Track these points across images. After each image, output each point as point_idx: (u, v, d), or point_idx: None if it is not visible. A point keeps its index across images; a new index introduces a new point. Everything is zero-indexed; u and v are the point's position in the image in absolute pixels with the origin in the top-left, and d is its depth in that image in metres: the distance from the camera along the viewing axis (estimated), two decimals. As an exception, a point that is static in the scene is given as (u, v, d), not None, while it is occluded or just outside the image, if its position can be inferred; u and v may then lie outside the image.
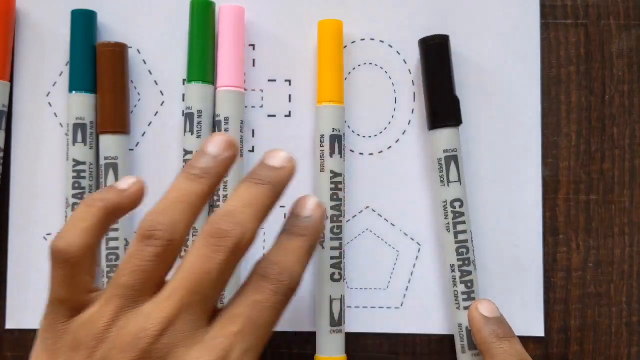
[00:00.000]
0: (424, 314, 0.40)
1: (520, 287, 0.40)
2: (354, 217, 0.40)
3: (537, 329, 0.39)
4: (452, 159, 0.38)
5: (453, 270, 0.38)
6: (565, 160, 0.40)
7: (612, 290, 0.40)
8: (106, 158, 0.39)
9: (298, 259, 0.31)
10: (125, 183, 0.32)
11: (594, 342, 0.40)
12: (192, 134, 0.39)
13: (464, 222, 0.38)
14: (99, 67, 0.39)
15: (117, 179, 0.39)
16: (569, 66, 0.40)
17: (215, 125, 0.39)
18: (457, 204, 0.38)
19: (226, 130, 0.38)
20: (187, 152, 0.39)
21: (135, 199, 0.32)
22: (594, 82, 0.40)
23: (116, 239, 0.39)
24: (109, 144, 0.39)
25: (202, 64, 0.39)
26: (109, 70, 0.39)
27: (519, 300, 0.39)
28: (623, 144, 0.40)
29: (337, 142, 0.38)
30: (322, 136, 0.38)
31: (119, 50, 0.39)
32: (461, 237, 0.38)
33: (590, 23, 0.41)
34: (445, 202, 0.38)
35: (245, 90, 0.40)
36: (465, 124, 0.39)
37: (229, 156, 0.32)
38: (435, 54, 0.39)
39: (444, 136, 0.38)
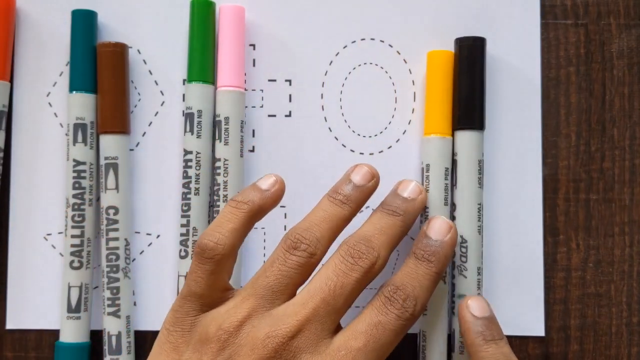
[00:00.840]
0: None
1: (521, 286, 0.40)
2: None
3: (538, 329, 0.39)
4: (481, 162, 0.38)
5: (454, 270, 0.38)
6: (564, 160, 0.40)
7: (612, 290, 0.40)
8: (106, 158, 0.39)
9: (423, 287, 0.32)
10: (267, 183, 0.34)
11: (594, 342, 0.40)
12: (192, 133, 0.39)
13: (480, 225, 0.38)
14: (99, 67, 0.39)
15: (117, 179, 0.39)
16: (568, 66, 0.40)
17: (215, 125, 0.39)
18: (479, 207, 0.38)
19: (226, 130, 0.38)
20: (187, 152, 0.39)
21: (276, 199, 0.34)
22: (593, 83, 0.40)
23: (116, 239, 0.39)
24: (109, 143, 0.39)
25: (202, 64, 0.39)
26: (109, 71, 0.39)
27: (519, 299, 0.40)
28: (623, 144, 0.40)
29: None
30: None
31: (119, 51, 0.39)
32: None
33: (590, 22, 0.41)
34: (480, 205, 0.38)
35: (246, 90, 0.40)
36: (465, 124, 0.40)
37: (371, 186, 0.35)
38: (470, 56, 0.38)
39: (472, 139, 0.38)
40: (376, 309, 0.31)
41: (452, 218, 0.39)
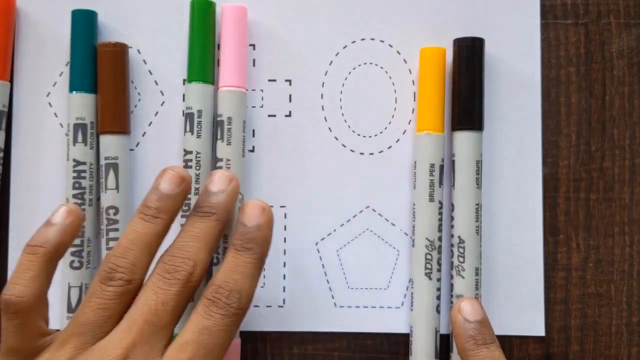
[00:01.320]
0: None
1: (521, 286, 0.40)
2: (354, 216, 0.40)
3: (538, 329, 0.39)
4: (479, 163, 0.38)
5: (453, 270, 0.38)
6: (564, 159, 0.40)
7: (612, 290, 0.40)
8: (106, 158, 0.39)
9: (246, 276, 0.32)
10: (59, 217, 0.32)
11: (594, 342, 0.40)
12: (192, 133, 0.39)
13: (478, 226, 0.38)
14: (100, 67, 0.39)
15: (117, 179, 0.39)
16: (568, 66, 0.40)
17: (217, 125, 0.39)
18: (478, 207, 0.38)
19: (229, 130, 0.38)
20: (187, 152, 0.39)
21: (73, 231, 0.33)
22: (593, 82, 0.40)
23: (116, 239, 0.39)
24: (109, 143, 0.39)
25: (202, 64, 0.39)
26: (109, 70, 0.39)
27: (520, 299, 0.40)
28: (623, 144, 0.40)
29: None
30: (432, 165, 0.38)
31: (120, 50, 0.39)
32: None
33: (590, 22, 0.41)
34: (478, 205, 0.38)
35: (246, 90, 0.40)
36: (465, 123, 0.40)
37: (181, 191, 0.33)
38: (468, 56, 0.39)
39: (471, 139, 0.38)
40: (200, 314, 0.31)
41: (450, 218, 0.39)
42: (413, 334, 0.38)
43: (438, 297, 0.38)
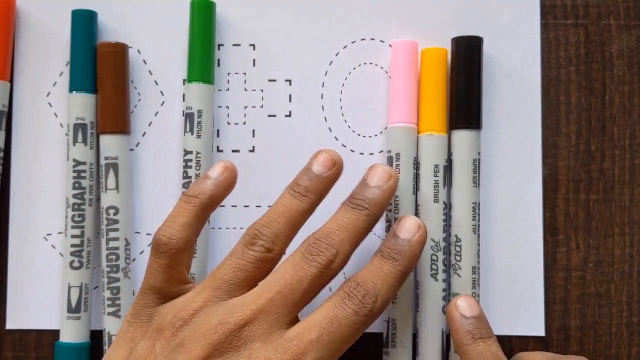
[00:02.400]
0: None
1: (521, 286, 0.40)
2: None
3: (538, 329, 0.39)
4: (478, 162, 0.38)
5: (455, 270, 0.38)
6: (564, 159, 0.40)
7: (612, 290, 0.40)
8: (106, 158, 0.39)
9: (386, 284, 0.32)
10: (216, 172, 0.35)
11: (594, 342, 0.40)
12: (192, 133, 0.39)
13: (475, 225, 0.38)
14: (99, 67, 0.39)
15: (117, 179, 0.39)
16: (568, 66, 0.40)
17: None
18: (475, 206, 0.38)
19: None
20: (187, 152, 0.39)
21: (227, 186, 0.35)
22: (593, 81, 0.40)
23: (116, 239, 0.39)
24: (110, 143, 0.39)
25: (202, 64, 0.39)
26: (110, 70, 0.39)
27: (520, 299, 0.40)
28: (623, 143, 0.40)
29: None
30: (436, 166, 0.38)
31: (120, 51, 0.39)
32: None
33: (590, 23, 0.41)
34: (475, 203, 0.38)
35: (246, 90, 0.40)
36: (465, 123, 0.40)
37: (331, 174, 0.35)
38: (467, 55, 0.39)
39: (468, 138, 0.38)
40: (334, 303, 0.31)
41: (448, 217, 0.39)
42: (419, 335, 0.38)
43: (444, 298, 0.38)
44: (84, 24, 0.39)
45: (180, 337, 0.31)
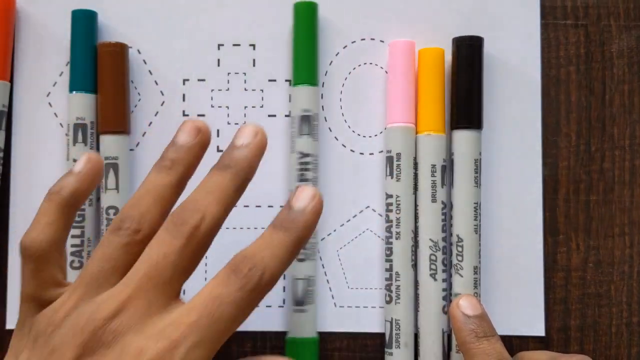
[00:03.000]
0: (424, 314, 0.40)
1: (521, 286, 0.40)
2: (354, 216, 0.40)
3: (538, 329, 0.39)
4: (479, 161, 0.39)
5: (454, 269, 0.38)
6: (564, 160, 0.40)
7: (612, 290, 0.40)
8: (106, 158, 0.39)
9: (276, 255, 0.29)
10: (79, 165, 0.32)
11: (594, 342, 0.40)
12: (309, 135, 0.39)
13: (477, 225, 0.38)
14: (100, 67, 0.39)
15: (117, 179, 0.39)
16: (568, 66, 0.40)
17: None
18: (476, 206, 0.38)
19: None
20: (303, 155, 0.39)
21: (92, 179, 0.32)
22: (593, 82, 0.40)
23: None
24: (109, 143, 0.39)
25: (308, 66, 0.39)
26: (109, 70, 0.39)
27: (520, 299, 0.40)
28: (623, 143, 0.40)
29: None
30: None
31: (119, 50, 0.39)
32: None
33: (590, 23, 0.41)
34: (477, 204, 0.38)
35: (246, 90, 0.40)
36: (465, 123, 0.40)
37: (197, 143, 0.32)
38: (468, 55, 0.39)
39: (469, 138, 0.38)
40: (218, 280, 0.29)
41: (448, 217, 0.39)
42: (420, 335, 0.38)
43: (444, 298, 0.38)
44: (84, 24, 0.39)
45: (51, 343, 0.28)
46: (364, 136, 0.40)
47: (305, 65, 0.39)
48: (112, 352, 0.28)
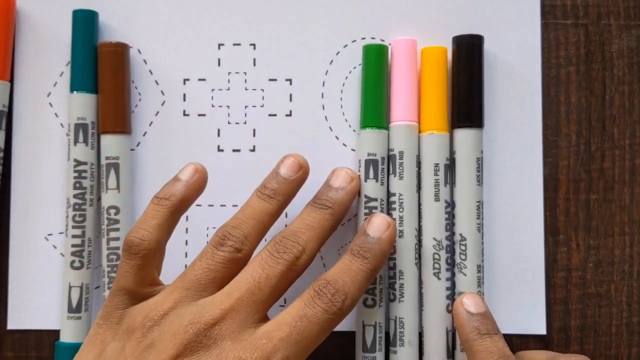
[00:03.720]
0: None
1: (522, 285, 0.40)
2: (355, 215, 0.40)
3: (539, 327, 0.39)
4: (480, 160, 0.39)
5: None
6: (564, 159, 0.40)
7: (612, 290, 0.40)
8: (107, 158, 0.39)
9: (355, 282, 0.33)
10: (186, 174, 0.36)
11: (594, 342, 0.40)
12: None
13: (480, 223, 0.38)
14: (100, 67, 0.39)
15: (118, 179, 0.39)
16: (568, 66, 0.41)
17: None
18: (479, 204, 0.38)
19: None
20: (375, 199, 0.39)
21: (198, 188, 0.36)
22: (593, 81, 0.40)
23: (117, 238, 0.39)
24: (110, 143, 0.39)
25: (376, 109, 0.39)
26: (110, 70, 0.39)
27: (520, 298, 0.40)
28: (623, 143, 0.40)
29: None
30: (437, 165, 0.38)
31: (120, 50, 0.39)
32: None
33: (590, 23, 0.41)
34: (479, 202, 0.38)
35: (246, 89, 0.40)
36: (465, 123, 0.40)
37: (298, 177, 0.36)
38: (468, 53, 0.39)
39: (471, 136, 0.38)
40: (304, 302, 0.32)
41: (451, 216, 0.39)
42: (424, 334, 0.38)
43: (448, 297, 0.38)
44: (85, 24, 0.39)
45: (150, 337, 0.31)
46: (365, 136, 0.40)
47: (374, 110, 0.39)
48: (210, 356, 0.30)
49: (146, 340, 0.31)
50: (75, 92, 0.39)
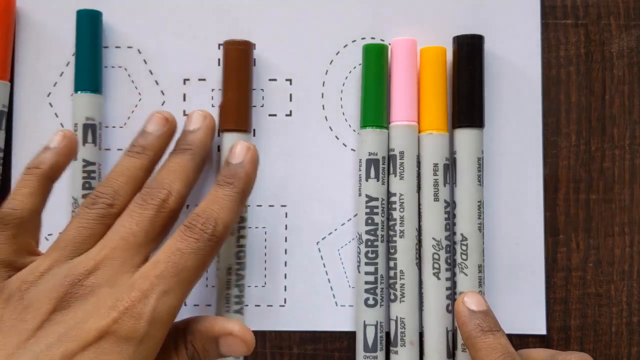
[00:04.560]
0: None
1: (522, 284, 0.40)
2: (355, 215, 0.40)
3: (539, 327, 0.39)
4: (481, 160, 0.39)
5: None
6: (564, 159, 0.40)
7: (612, 290, 0.40)
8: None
9: (224, 207, 0.33)
10: (55, 141, 0.35)
11: (594, 342, 0.40)
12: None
13: (481, 223, 0.38)
14: (226, 65, 0.39)
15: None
16: (568, 66, 0.41)
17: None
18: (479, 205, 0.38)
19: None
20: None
21: (67, 153, 0.35)
22: (593, 81, 0.40)
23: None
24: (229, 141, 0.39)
25: (377, 109, 0.39)
26: (235, 69, 0.39)
27: (520, 297, 0.40)
28: (623, 143, 0.40)
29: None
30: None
31: (245, 49, 0.39)
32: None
33: (590, 23, 0.41)
34: (480, 202, 0.38)
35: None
36: (465, 123, 0.40)
37: (166, 131, 0.36)
38: (469, 53, 0.39)
39: (472, 136, 0.38)
40: (176, 237, 0.32)
41: (451, 216, 0.39)
42: (425, 334, 0.38)
43: (448, 297, 0.38)
44: (90, 24, 0.39)
45: (27, 299, 0.31)
46: (365, 136, 0.40)
47: (374, 109, 0.39)
48: (87, 304, 0.30)
49: (23, 302, 0.31)
50: (80, 92, 0.39)
